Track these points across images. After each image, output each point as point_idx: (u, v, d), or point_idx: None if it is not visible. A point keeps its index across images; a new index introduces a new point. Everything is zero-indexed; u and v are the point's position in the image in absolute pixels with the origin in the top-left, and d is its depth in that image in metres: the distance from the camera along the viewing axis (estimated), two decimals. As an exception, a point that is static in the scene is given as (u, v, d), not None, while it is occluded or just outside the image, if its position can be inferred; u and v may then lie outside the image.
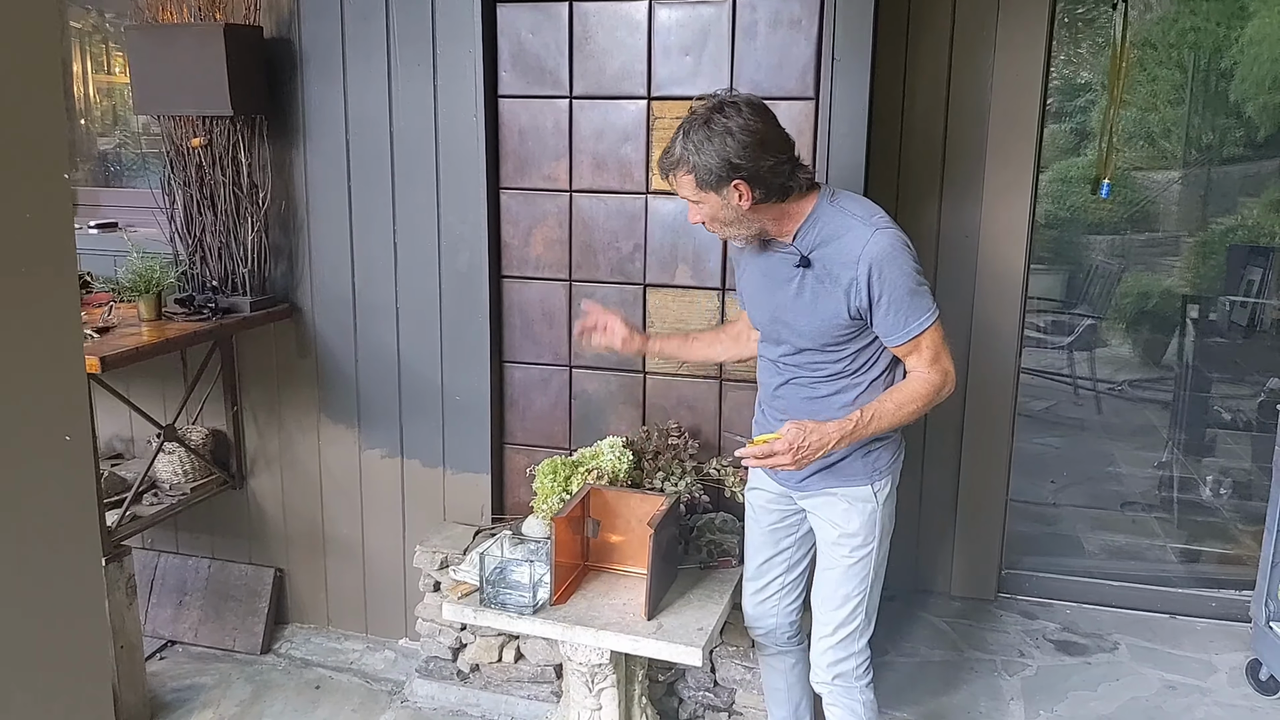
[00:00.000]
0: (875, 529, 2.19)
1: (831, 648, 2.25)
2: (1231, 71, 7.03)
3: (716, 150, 1.96)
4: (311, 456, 3.25)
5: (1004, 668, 3.14)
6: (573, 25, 2.74)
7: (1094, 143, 7.40)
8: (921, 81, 3.24)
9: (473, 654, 2.92)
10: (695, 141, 1.98)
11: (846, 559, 2.20)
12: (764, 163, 1.98)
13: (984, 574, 3.53)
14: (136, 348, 2.61)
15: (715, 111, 1.98)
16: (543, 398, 2.99)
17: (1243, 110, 7.04)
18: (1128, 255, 7.39)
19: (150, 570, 3.45)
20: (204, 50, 2.81)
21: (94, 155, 3.97)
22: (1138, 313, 6.85)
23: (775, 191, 2.02)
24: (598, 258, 2.85)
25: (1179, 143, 7.82)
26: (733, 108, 1.98)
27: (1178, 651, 3.23)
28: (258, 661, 3.27)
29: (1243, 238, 6.64)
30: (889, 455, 2.20)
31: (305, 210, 3.08)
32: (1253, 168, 7.41)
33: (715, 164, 1.97)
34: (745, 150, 1.96)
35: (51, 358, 0.82)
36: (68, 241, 0.82)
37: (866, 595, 2.23)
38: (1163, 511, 4.31)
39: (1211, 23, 7.46)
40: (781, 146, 2.02)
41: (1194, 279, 6.80)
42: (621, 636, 2.30)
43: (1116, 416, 5.74)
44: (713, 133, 1.96)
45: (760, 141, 1.97)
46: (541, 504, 2.67)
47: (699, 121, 1.99)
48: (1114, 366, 6.47)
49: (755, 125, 1.97)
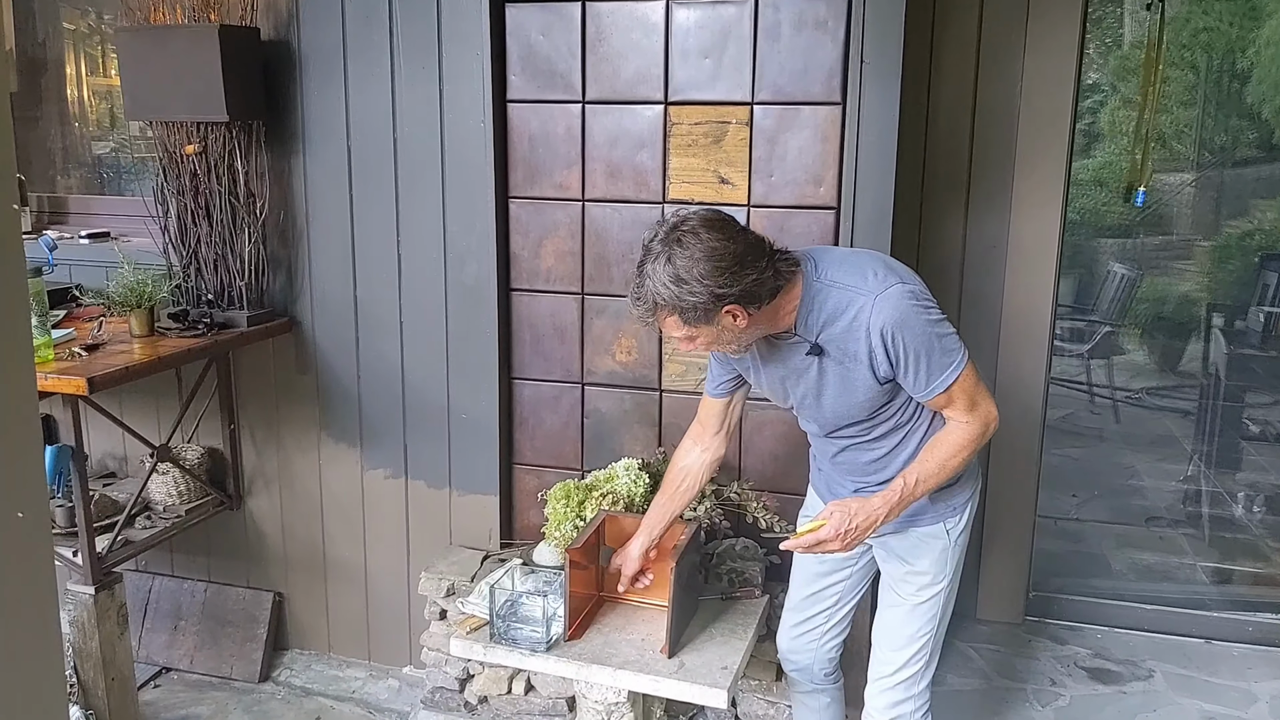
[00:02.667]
0: (946, 566, 2.07)
1: (891, 689, 2.13)
2: (1245, 73, 6.92)
3: (694, 286, 1.77)
4: (312, 476, 3.12)
5: (1035, 698, 3.01)
6: (585, 26, 2.61)
7: (1103, 145, 7.28)
8: (947, 85, 3.10)
9: (481, 685, 2.78)
10: (666, 282, 1.78)
11: (914, 597, 2.08)
12: (747, 279, 1.79)
13: (1012, 596, 3.40)
14: (126, 367, 2.47)
15: (674, 245, 1.79)
16: (553, 416, 2.86)
17: (1259, 112, 6.92)
18: (1141, 259, 7.26)
19: (144, 594, 3.32)
20: (198, 53, 2.68)
21: (88, 161, 3.85)
22: (1153, 319, 6.72)
23: (766, 297, 1.84)
24: (611, 270, 2.72)
25: (1191, 145, 7.70)
26: (691, 236, 1.79)
27: (1215, 679, 3.09)
28: (256, 690, 3.14)
29: (1260, 242, 6.52)
30: (963, 494, 2.06)
31: (305, 220, 2.95)
32: (1265, 170, 7.29)
33: (701, 300, 1.78)
34: (724, 276, 1.77)
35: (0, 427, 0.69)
36: (18, 287, 0.68)
37: (933, 635, 2.10)
38: (1190, 527, 4.17)
39: (1224, 23, 7.34)
40: (756, 253, 1.82)
41: (1210, 284, 6.68)
42: (641, 676, 2.17)
43: (1135, 426, 5.60)
44: (679, 269, 1.77)
45: (736, 260, 1.78)
46: (554, 531, 2.54)
47: (661, 259, 1.79)
48: (1130, 373, 6.34)
49: (722, 246, 1.78)
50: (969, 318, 3.21)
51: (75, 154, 3.81)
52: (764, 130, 2.52)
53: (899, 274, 1.89)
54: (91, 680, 2.73)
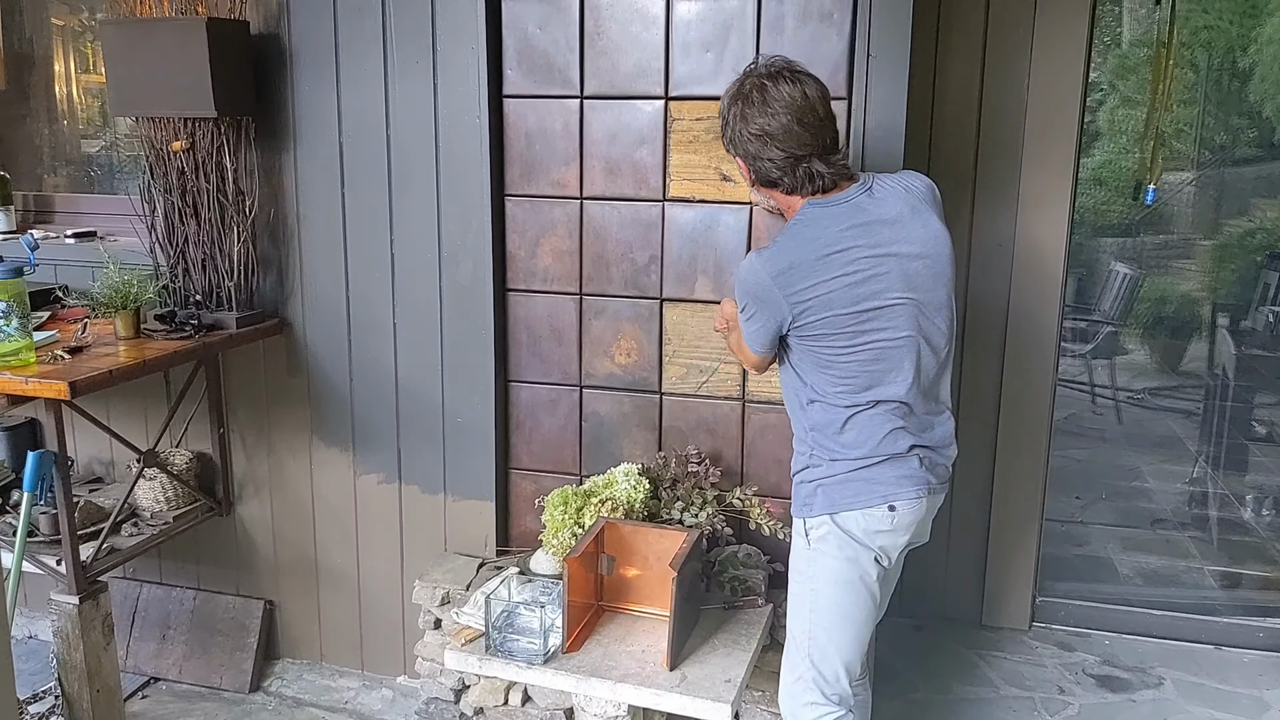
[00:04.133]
0: (807, 569, 2.01)
1: (781, 693, 2.14)
2: (1246, 71, 6.87)
3: (734, 125, 1.96)
4: (303, 481, 3.05)
5: (1044, 706, 2.94)
6: (584, 19, 2.53)
7: (1103, 143, 7.23)
8: (953, 81, 3.04)
9: (477, 696, 2.71)
10: (726, 105, 1.99)
11: (790, 595, 2.08)
12: (768, 154, 1.92)
13: (1018, 602, 3.34)
14: (110, 370, 2.39)
15: (750, 93, 1.93)
16: (551, 419, 2.79)
17: (1260, 110, 6.87)
18: (1142, 259, 7.21)
19: (131, 602, 3.24)
20: (185, 47, 2.61)
21: (76, 159, 3.78)
22: (1154, 319, 6.67)
23: (767, 180, 1.98)
24: (610, 270, 2.65)
25: (1192, 144, 7.65)
26: (759, 89, 1.92)
27: (1226, 687, 3.03)
28: (246, 700, 3.06)
29: (1261, 241, 6.46)
30: (820, 499, 1.97)
31: (295, 219, 2.88)
32: (1265, 169, 7.25)
33: (730, 134, 1.98)
34: (752, 140, 1.93)
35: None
36: None
37: (806, 644, 2.03)
38: (1196, 530, 4.11)
39: (1225, 21, 7.29)
40: (792, 144, 1.91)
41: (1212, 284, 6.63)
42: (642, 690, 2.10)
43: (1138, 426, 5.55)
44: (738, 112, 1.94)
45: (765, 135, 1.91)
46: (551, 538, 2.47)
47: (732, 94, 1.97)
48: (1132, 374, 6.28)
49: (770, 125, 1.91)
50: (975, 317, 3.15)
51: (63, 152, 3.74)
52: (767, 126, 2.45)
53: (777, 258, 1.90)
54: (76, 692, 2.65)
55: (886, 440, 1.92)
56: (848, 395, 1.92)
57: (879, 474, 1.94)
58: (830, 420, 1.95)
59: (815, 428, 1.98)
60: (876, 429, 1.92)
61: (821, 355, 1.92)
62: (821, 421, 1.96)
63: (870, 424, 1.92)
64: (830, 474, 1.96)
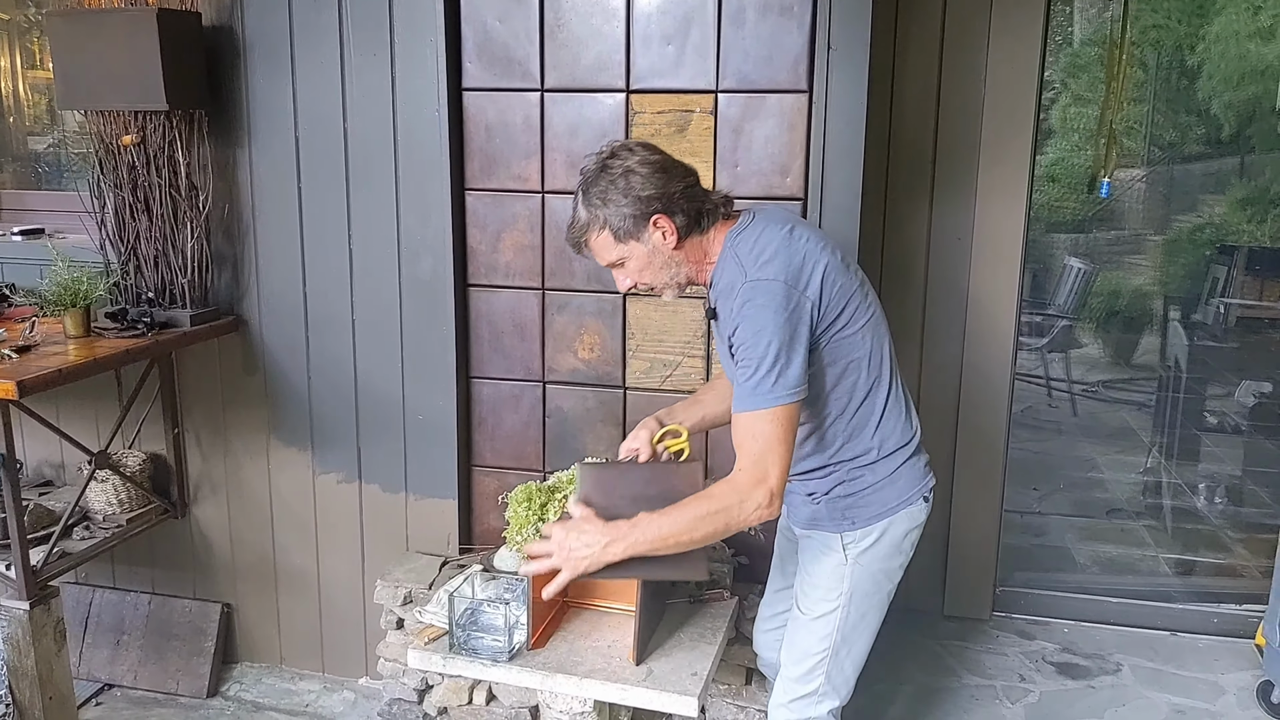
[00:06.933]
0: (843, 585, 1.96)
1: (783, 704, 2.05)
2: (1193, 69, 7.00)
3: (622, 192, 1.82)
4: (261, 482, 3.00)
5: (1005, 694, 2.98)
6: (544, 12, 2.51)
7: (1056, 141, 7.33)
8: (911, 76, 3.06)
9: (440, 696, 2.68)
10: (597, 194, 1.84)
11: (810, 610, 2.00)
12: (674, 189, 1.83)
13: (978, 592, 3.37)
14: (60, 369, 2.33)
15: (607, 159, 1.86)
16: (514, 416, 2.77)
17: (1208, 108, 7.01)
18: (1094, 254, 7.33)
19: (84, 607, 3.17)
20: (135, 39, 2.55)
21: (23, 155, 3.69)
22: (1108, 313, 6.78)
23: (694, 220, 1.86)
24: (573, 264, 2.63)
25: (1142, 141, 7.79)
26: (623, 149, 1.87)
27: (1183, 672, 3.08)
28: (204, 706, 3.01)
29: (1210, 236, 6.60)
30: (869, 509, 1.93)
31: (251, 214, 2.83)
32: (1213, 165, 7.40)
33: (628, 207, 1.82)
34: (651, 180, 1.82)
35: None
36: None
37: (829, 659, 2.00)
38: (1151, 519, 4.18)
39: (1173, 20, 7.43)
40: (684, 172, 1.88)
41: (1162, 278, 6.75)
42: (608, 685, 2.08)
43: (1093, 419, 5.63)
44: (613, 177, 1.83)
45: (662, 168, 1.84)
46: (515, 535, 2.44)
47: (592, 175, 1.86)
48: (1086, 367, 6.38)
49: (652, 157, 1.86)
50: (935, 309, 3.17)
51: (9, 149, 3.65)
52: (729, 119, 2.45)
53: (796, 273, 1.78)
54: (28, 700, 2.58)
55: (906, 425, 1.94)
56: (875, 369, 1.88)
57: (915, 465, 1.95)
58: (868, 417, 1.89)
59: (851, 437, 1.90)
60: (902, 413, 1.94)
61: (846, 335, 1.84)
62: (859, 424, 1.89)
63: (896, 407, 1.93)
64: (874, 480, 1.92)
